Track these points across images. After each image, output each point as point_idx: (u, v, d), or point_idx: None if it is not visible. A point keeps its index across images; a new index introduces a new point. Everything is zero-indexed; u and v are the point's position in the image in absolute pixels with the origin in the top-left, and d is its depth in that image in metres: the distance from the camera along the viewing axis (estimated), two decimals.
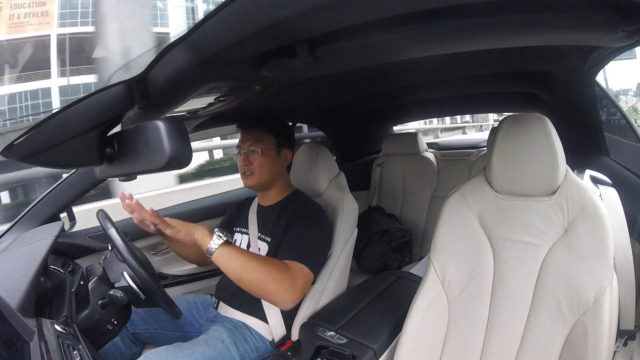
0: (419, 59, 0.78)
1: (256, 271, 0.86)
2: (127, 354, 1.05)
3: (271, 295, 0.89)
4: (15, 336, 0.53)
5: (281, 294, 0.88)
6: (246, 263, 0.86)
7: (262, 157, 1.07)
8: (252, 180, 1.08)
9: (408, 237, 1.76)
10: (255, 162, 1.07)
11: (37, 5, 14.00)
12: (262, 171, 1.07)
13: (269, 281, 0.87)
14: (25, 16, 13.93)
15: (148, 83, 0.59)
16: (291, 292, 0.89)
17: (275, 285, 0.87)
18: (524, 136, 0.80)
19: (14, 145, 0.49)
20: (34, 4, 13.95)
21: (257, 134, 1.08)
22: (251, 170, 1.07)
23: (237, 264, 0.86)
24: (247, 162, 1.07)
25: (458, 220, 0.86)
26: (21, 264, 0.80)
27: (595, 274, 0.71)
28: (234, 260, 0.86)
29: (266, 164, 1.07)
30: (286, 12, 0.43)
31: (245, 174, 1.08)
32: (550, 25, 0.58)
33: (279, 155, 1.11)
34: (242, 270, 0.86)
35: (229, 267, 0.86)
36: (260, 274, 0.87)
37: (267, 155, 1.08)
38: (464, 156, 1.92)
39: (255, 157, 1.07)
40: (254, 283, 0.87)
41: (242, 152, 1.09)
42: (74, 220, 1.29)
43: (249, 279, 0.87)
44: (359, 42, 0.59)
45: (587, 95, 1.09)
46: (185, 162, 0.51)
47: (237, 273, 0.86)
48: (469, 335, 0.81)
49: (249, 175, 1.07)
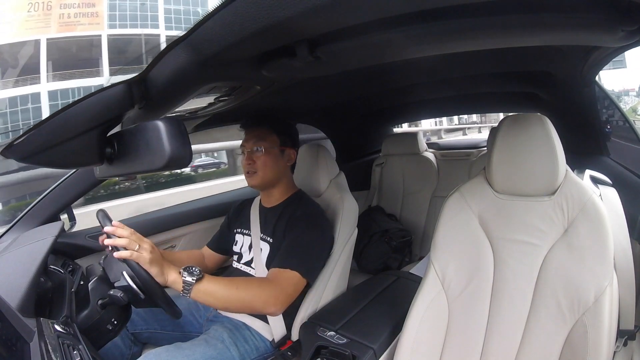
0: (419, 59, 0.77)
1: (238, 296, 0.86)
2: (127, 354, 1.05)
3: (258, 310, 0.92)
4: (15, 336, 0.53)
5: (267, 308, 0.90)
6: (225, 293, 0.85)
7: (266, 155, 1.06)
8: (255, 179, 1.07)
9: (408, 237, 1.76)
10: (258, 160, 1.06)
11: (86, 6, 14.81)
12: (265, 170, 1.07)
13: (253, 300, 0.88)
14: (75, 16, 14.73)
15: (148, 83, 0.59)
16: (276, 303, 0.90)
17: (259, 302, 0.89)
18: (524, 136, 0.80)
19: (14, 145, 0.49)
20: (84, 4, 14.75)
21: (260, 132, 1.08)
22: (255, 169, 1.06)
23: (217, 297, 0.84)
24: (251, 161, 1.06)
25: (458, 220, 0.86)
26: (21, 264, 0.80)
27: (595, 274, 0.71)
28: (212, 294, 0.83)
29: (270, 162, 1.07)
30: (286, 12, 0.43)
31: (249, 172, 1.07)
32: (550, 25, 0.58)
33: (283, 154, 1.10)
34: (224, 300, 0.85)
35: (209, 301, 0.85)
36: (242, 296, 0.87)
37: (271, 153, 1.07)
38: (464, 156, 1.92)
39: (258, 156, 1.06)
40: (239, 307, 0.92)
41: (245, 151, 1.09)
42: (74, 221, 1.29)
43: (233, 306, 0.90)
44: (359, 42, 0.59)
45: (587, 95, 1.09)
46: (185, 162, 0.52)
47: (220, 304, 0.88)
48: (469, 335, 0.81)
49: (253, 174, 1.07)
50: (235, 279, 0.96)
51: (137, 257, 0.76)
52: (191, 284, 0.80)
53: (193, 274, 0.81)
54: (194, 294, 0.81)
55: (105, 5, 15.19)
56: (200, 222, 1.55)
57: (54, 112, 0.50)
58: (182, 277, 0.80)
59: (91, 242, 1.26)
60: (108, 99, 0.54)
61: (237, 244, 1.16)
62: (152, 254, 0.79)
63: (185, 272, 0.81)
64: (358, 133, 2.07)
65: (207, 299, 0.83)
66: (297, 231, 1.01)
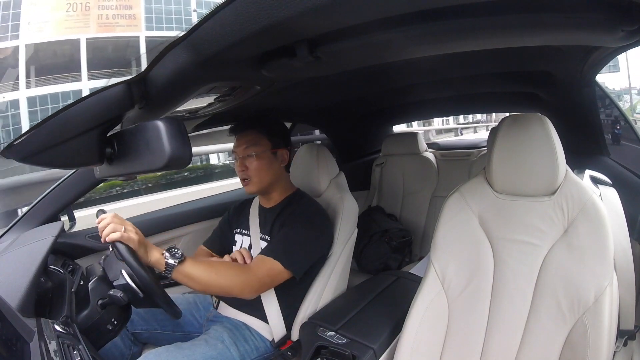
0: (419, 59, 0.78)
1: (217, 281, 0.89)
2: (127, 354, 1.05)
3: (235, 295, 0.93)
4: (15, 336, 0.53)
5: (242, 294, 0.92)
6: (205, 277, 0.88)
7: (258, 160, 1.05)
8: (252, 187, 1.07)
9: (408, 237, 1.76)
10: (251, 166, 1.05)
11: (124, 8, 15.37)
12: (260, 175, 1.05)
13: (230, 286, 0.91)
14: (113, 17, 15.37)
15: (148, 83, 0.59)
16: (251, 290, 0.93)
17: (236, 288, 0.91)
18: (524, 136, 0.80)
19: (14, 145, 0.49)
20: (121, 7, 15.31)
21: (250, 137, 1.06)
22: (248, 176, 1.05)
23: (196, 281, 0.87)
24: (244, 167, 1.05)
25: (458, 220, 0.86)
26: (21, 264, 0.80)
27: (595, 274, 0.71)
28: (192, 278, 0.86)
29: (264, 167, 1.05)
30: (286, 12, 0.43)
31: (244, 180, 1.06)
32: (550, 25, 0.58)
33: (276, 157, 1.08)
34: (203, 284, 0.88)
35: (189, 284, 0.87)
36: (221, 282, 0.90)
37: (263, 158, 1.05)
38: (464, 156, 1.92)
39: (251, 162, 1.05)
40: (217, 292, 0.98)
41: (237, 157, 1.07)
42: (73, 221, 1.29)
43: (211, 290, 0.97)
44: (359, 42, 0.59)
45: (587, 95, 1.09)
46: (185, 162, 0.52)
47: (199, 288, 0.90)
48: (469, 335, 0.81)
49: (248, 182, 1.06)
50: (215, 264, 0.99)
51: (127, 238, 0.79)
52: (173, 267, 0.83)
53: (175, 257, 0.84)
54: (174, 275, 0.84)
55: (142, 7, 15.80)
56: (200, 222, 1.55)
57: (54, 112, 0.50)
58: (165, 258, 0.83)
59: (91, 242, 1.26)
60: (108, 99, 0.54)
61: (236, 244, 1.15)
62: (138, 235, 0.82)
63: (168, 254, 0.84)
64: (358, 133, 2.07)
65: (187, 282, 0.86)
66: (291, 227, 1.02)
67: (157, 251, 0.84)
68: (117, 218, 0.83)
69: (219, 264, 0.99)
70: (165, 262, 0.83)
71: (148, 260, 0.83)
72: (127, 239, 0.79)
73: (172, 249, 0.85)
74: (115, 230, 0.79)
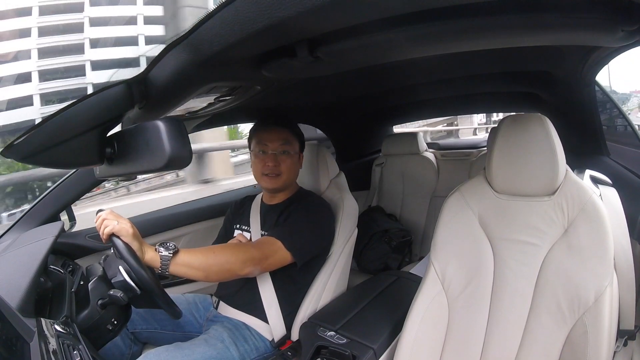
0: (419, 59, 0.77)
1: (216, 260, 0.86)
2: (127, 353, 1.05)
3: (236, 272, 0.90)
4: (15, 336, 0.53)
5: (244, 268, 0.89)
6: (204, 260, 0.85)
7: (291, 159, 1.07)
8: (278, 182, 1.07)
9: (408, 237, 1.76)
10: (284, 163, 1.06)
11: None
12: (289, 173, 1.07)
13: (231, 262, 0.88)
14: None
15: (148, 83, 0.59)
16: (254, 263, 0.90)
17: (238, 263, 0.88)
18: (524, 136, 0.80)
19: (14, 145, 0.49)
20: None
21: (285, 135, 1.08)
22: (280, 172, 1.05)
23: (196, 267, 0.84)
24: (276, 163, 1.05)
25: (458, 220, 0.86)
26: (21, 264, 0.80)
27: (596, 274, 0.71)
28: (191, 265, 0.84)
29: (294, 166, 1.09)
30: (286, 12, 0.43)
31: (270, 175, 1.06)
32: (550, 25, 0.58)
33: (299, 159, 1.12)
34: (204, 268, 0.85)
35: (190, 273, 0.85)
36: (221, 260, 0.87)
37: (294, 157, 1.09)
38: (464, 156, 1.92)
39: (284, 159, 1.06)
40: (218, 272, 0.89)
41: (268, 151, 1.06)
42: (74, 221, 1.29)
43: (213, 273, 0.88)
44: (359, 42, 0.59)
45: (587, 95, 1.09)
46: (185, 162, 0.51)
47: (200, 274, 0.86)
48: (469, 335, 0.81)
49: (275, 177, 1.06)
50: (211, 247, 0.98)
51: (119, 229, 0.78)
52: (168, 258, 0.81)
53: (169, 248, 0.82)
54: (172, 267, 0.82)
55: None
56: (200, 222, 1.55)
57: (55, 112, 0.50)
58: (159, 252, 0.81)
59: (91, 242, 1.26)
60: (108, 99, 0.54)
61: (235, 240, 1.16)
62: (133, 229, 0.81)
63: (161, 247, 0.82)
64: (358, 133, 2.07)
65: (186, 271, 0.84)
66: (297, 216, 1.03)
67: (151, 248, 0.84)
68: (112, 214, 0.83)
69: (215, 246, 0.99)
70: (160, 255, 0.81)
71: (143, 256, 0.82)
72: (119, 230, 0.79)
73: (165, 243, 0.84)
74: (109, 224, 0.79)
